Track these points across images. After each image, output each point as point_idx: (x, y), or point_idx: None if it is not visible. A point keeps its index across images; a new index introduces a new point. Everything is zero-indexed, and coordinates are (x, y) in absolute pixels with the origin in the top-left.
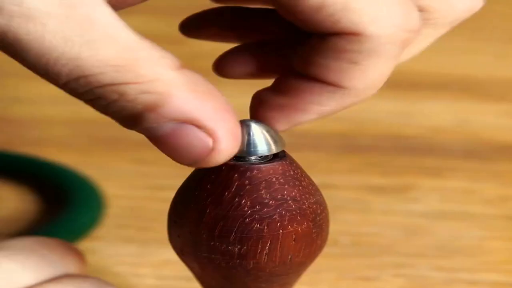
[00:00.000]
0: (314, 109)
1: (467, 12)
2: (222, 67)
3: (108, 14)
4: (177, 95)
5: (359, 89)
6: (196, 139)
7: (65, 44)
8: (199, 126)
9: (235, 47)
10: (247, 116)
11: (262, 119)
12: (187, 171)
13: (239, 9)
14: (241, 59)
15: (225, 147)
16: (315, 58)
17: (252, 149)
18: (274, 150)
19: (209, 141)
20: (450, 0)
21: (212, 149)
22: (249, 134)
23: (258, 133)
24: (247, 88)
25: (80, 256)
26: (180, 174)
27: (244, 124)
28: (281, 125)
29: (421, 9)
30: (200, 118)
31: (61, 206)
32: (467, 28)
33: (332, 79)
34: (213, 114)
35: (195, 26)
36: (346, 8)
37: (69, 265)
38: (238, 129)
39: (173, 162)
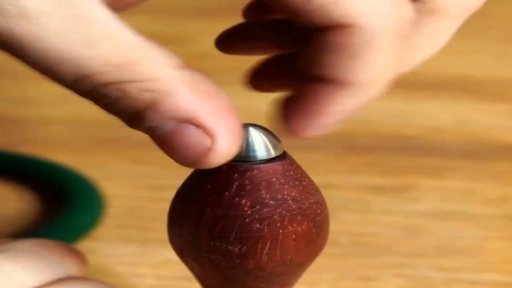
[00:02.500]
0: (334, 111)
1: (474, 2)
2: (257, 83)
3: (106, 14)
4: (177, 93)
5: (368, 83)
6: (195, 138)
7: (66, 44)
8: (198, 126)
9: (266, 61)
10: (247, 118)
11: (290, 128)
12: (187, 171)
13: (271, 21)
14: (273, 73)
15: (223, 147)
16: (318, 58)
17: (251, 154)
18: (273, 154)
19: (208, 141)
20: None
21: (210, 149)
22: (248, 139)
23: (257, 137)
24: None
25: (81, 258)
26: (180, 174)
27: (244, 129)
28: (309, 132)
29: (423, 0)
30: (199, 117)
31: (61, 206)
32: (467, 28)
33: (338, 76)
34: (213, 113)
35: (231, 41)
36: (335, 0)
37: (70, 267)
38: (238, 130)
39: (173, 162)
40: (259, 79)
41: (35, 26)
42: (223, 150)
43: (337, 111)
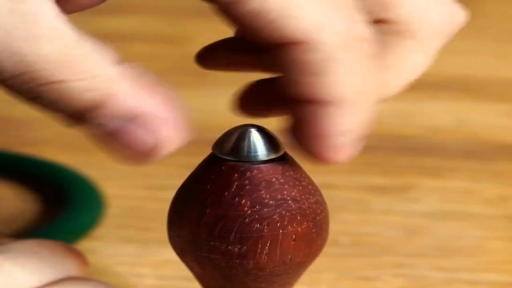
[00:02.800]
0: (336, 131)
1: (448, 24)
2: (246, 108)
3: (52, 11)
4: (120, 91)
5: (345, 101)
6: (141, 134)
7: (8, 38)
8: (143, 122)
9: (254, 85)
10: (247, 120)
11: (315, 155)
12: (187, 171)
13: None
14: (260, 97)
15: (168, 140)
16: (287, 77)
17: (252, 154)
18: (273, 155)
19: (152, 137)
20: (422, 12)
21: (156, 144)
22: (249, 139)
23: (258, 138)
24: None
25: (81, 258)
26: (180, 174)
27: (244, 129)
28: (334, 155)
29: (388, 22)
30: (143, 113)
31: (61, 206)
32: (467, 28)
33: (313, 96)
34: (155, 108)
35: (210, 56)
36: (286, 15)
37: (70, 267)
38: (182, 122)
39: (173, 162)
40: (247, 104)
41: None
42: (168, 142)
43: (339, 131)
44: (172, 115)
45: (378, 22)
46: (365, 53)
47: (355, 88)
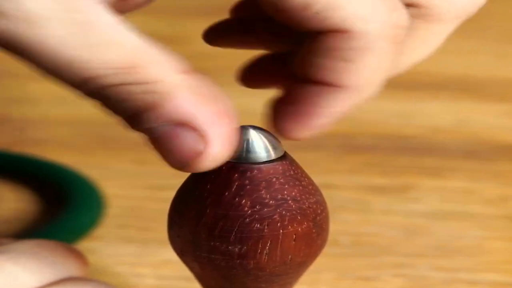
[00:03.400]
0: (325, 112)
1: (471, 6)
2: (248, 79)
3: (109, 18)
4: (177, 96)
5: (361, 86)
6: (188, 141)
7: (69, 48)
8: (194, 129)
9: (259, 59)
10: (245, 118)
11: (281, 129)
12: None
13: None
14: (266, 69)
15: (215, 152)
16: (312, 60)
17: (251, 155)
18: (273, 156)
19: (201, 145)
20: None
21: (202, 153)
22: (248, 140)
23: (257, 139)
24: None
25: (82, 258)
26: (180, 174)
27: (243, 130)
28: (301, 133)
29: (418, 6)
30: (195, 121)
31: (61, 206)
32: (467, 28)
33: (331, 79)
34: (210, 118)
35: (218, 34)
36: (331, 6)
37: (71, 267)
38: (233, 136)
39: None
40: (250, 76)
41: (39, 30)
42: (215, 154)
43: (329, 112)
44: (224, 127)
45: (408, 5)
46: (398, 40)
47: (375, 76)
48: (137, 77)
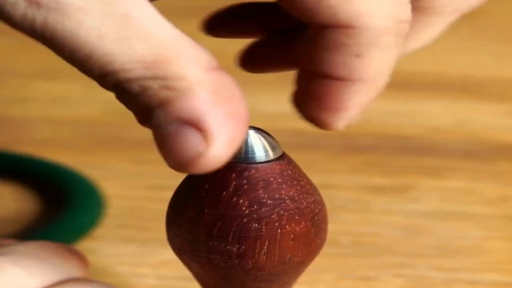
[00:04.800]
0: (346, 106)
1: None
2: (248, 63)
3: (146, 10)
4: (193, 95)
5: (371, 80)
6: (190, 142)
7: (99, 41)
8: (200, 129)
9: (258, 42)
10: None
11: (319, 123)
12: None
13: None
14: (265, 53)
15: (216, 154)
16: (320, 55)
17: (250, 156)
18: (271, 156)
19: (202, 146)
20: None
21: (201, 155)
22: (246, 141)
23: (256, 139)
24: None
25: (83, 259)
26: (180, 174)
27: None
28: (340, 124)
29: None
30: (204, 121)
31: (61, 206)
32: (467, 28)
33: (342, 74)
34: (219, 119)
35: (219, 23)
36: (342, 1)
37: (72, 268)
38: (238, 140)
39: None
40: (250, 60)
41: (71, 21)
42: (215, 156)
43: (349, 106)
44: (232, 130)
45: None
46: (403, 34)
47: (383, 69)
48: (160, 72)
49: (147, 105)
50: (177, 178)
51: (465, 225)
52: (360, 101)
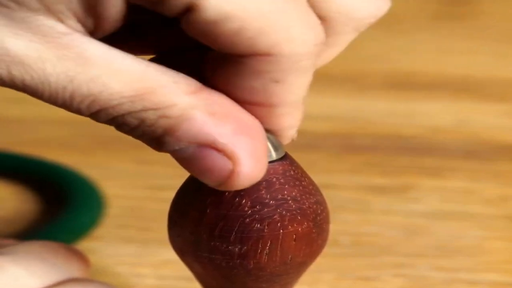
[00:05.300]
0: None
1: (370, 18)
2: None
3: (102, 48)
4: (193, 118)
5: (291, 103)
6: (216, 162)
7: (73, 84)
8: (218, 150)
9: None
10: None
11: None
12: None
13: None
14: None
15: (247, 170)
16: (239, 83)
17: None
18: (274, 157)
19: (229, 164)
20: (347, 10)
21: (233, 172)
22: None
23: None
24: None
25: (84, 259)
26: (180, 174)
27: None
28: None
29: (321, 19)
30: (218, 141)
31: (61, 206)
32: (467, 28)
33: (261, 100)
34: (231, 136)
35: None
36: (262, 31)
37: (73, 268)
38: (261, 151)
39: (173, 162)
40: None
41: (35, 71)
42: (247, 172)
43: (277, 128)
44: (249, 143)
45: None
46: (317, 55)
47: (302, 91)
48: (148, 104)
49: (152, 135)
50: (178, 178)
51: (465, 225)
52: (285, 124)
